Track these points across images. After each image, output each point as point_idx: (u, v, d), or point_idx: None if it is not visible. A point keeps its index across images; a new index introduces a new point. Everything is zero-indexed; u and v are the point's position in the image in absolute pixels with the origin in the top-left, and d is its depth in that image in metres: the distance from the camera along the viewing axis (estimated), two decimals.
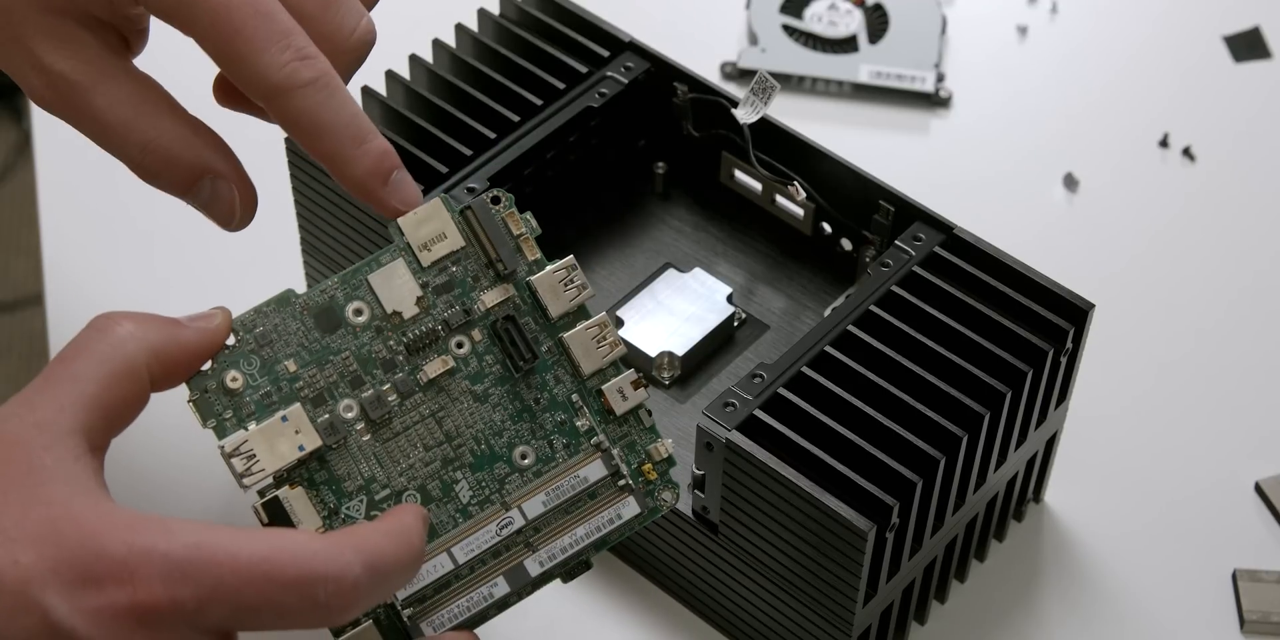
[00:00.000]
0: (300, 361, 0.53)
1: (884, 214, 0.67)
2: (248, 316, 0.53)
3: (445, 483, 0.53)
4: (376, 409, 0.53)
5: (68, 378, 0.50)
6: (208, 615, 0.47)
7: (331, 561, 0.47)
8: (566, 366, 0.54)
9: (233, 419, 0.52)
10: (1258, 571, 0.70)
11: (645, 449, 0.55)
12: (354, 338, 0.53)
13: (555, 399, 0.54)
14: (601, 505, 0.55)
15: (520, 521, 0.54)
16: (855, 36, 0.86)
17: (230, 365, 0.52)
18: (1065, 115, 0.85)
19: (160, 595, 0.46)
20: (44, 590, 0.46)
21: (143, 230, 0.80)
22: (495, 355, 0.54)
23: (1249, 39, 0.88)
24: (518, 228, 0.54)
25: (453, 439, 0.54)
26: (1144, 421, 0.75)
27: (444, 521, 0.53)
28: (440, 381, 0.53)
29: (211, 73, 0.60)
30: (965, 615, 0.69)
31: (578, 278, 0.54)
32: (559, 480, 0.54)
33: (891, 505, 0.58)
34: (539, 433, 0.54)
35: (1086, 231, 0.81)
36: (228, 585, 0.47)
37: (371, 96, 0.70)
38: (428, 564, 0.53)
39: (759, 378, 0.61)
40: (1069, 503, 0.72)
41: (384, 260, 0.53)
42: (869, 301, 0.62)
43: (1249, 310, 0.78)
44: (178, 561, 0.46)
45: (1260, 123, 0.85)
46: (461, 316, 0.54)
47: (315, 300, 0.53)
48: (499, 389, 0.54)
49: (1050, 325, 0.62)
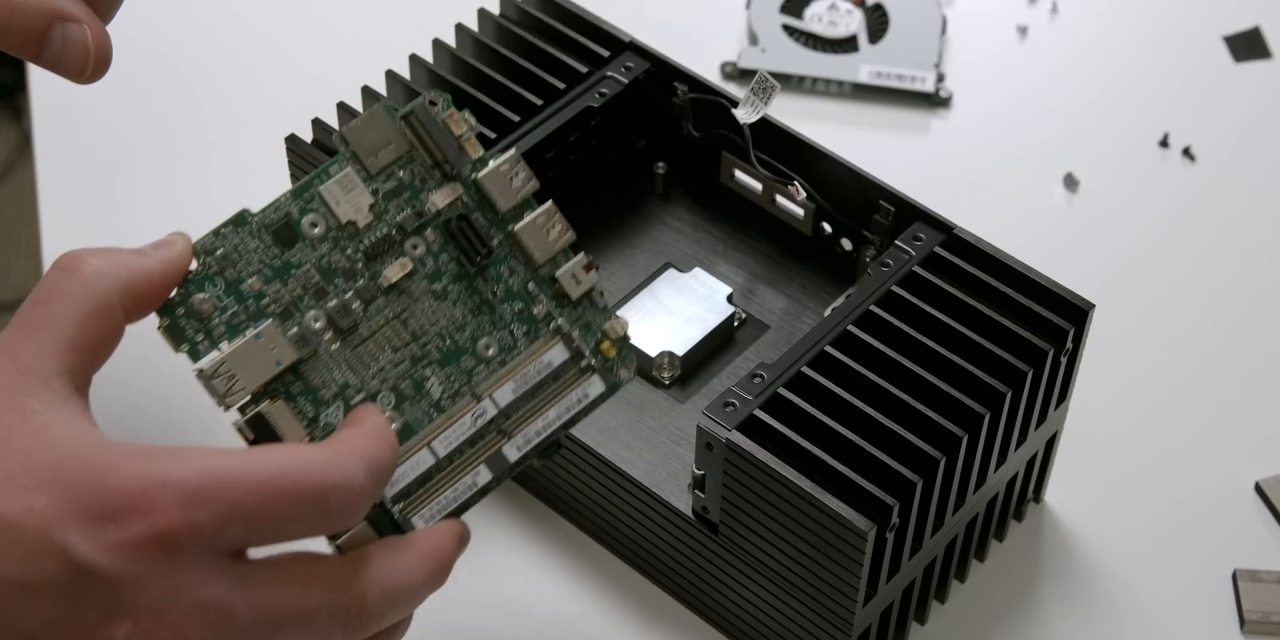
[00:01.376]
0: (263, 279, 0.53)
1: (884, 214, 0.67)
2: (207, 240, 0.53)
3: (416, 381, 0.55)
4: (343, 317, 0.54)
5: (44, 322, 0.50)
6: (226, 536, 0.47)
7: (337, 471, 0.49)
8: (519, 257, 0.56)
9: (205, 342, 0.53)
10: (1258, 571, 0.70)
11: (601, 328, 0.56)
12: (312, 250, 0.54)
13: (511, 289, 0.56)
14: (568, 387, 0.56)
15: (493, 410, 0.55)
16: (855, 36, 0.86)
17: (196, 289, 0.53)
18: (1065, 115, 0.85)
19: (180, 521, 0.47)
20: (63, 531, 0.46)
21: (142, 230, 0.80)
22: (450, 253, 0.55)
23: (1249, 39, 0.88)
24: (459, 128, 0.55)
25: (418, 338, 0.55)
26: (1144, 421, 0.75)
27: (419, 418, 0.55)
28: (400, 284, 0.55)
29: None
30: (965, 615, 0.69)
31: (521, 170, 0.55)
32: (525, 367, 0.56)
33: (891, 505, 0.58)
34: (499, 323, 0.55)
35: (1087, 231, 0.81)
36: (244, 505, 0.47)
37: (372, 96, 0.70)
38: (410, 460, 0.54)
39: (759, 378, 0.61)
40: (1069, 503, 0.72)
41: (332, 171, 0.54)
42: (869, 301, 0.62)
43: (1249, 310, 0.78)
44: (193, 487, 0.47)
45: (1260, 123, 0.85)
46: (414, 219, 0.55)
47: (270, 217, 0.54)
48: (456, 285, 0.55)
49: (1050, 325, 0.62)
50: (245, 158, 0.82)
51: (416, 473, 0.54)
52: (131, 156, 0.83)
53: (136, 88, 0.85)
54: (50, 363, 0.50)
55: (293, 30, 0.88)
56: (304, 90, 0.84)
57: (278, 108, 0.84)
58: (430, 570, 0.52)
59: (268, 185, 0.78)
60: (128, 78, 0.86)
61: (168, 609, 0.47)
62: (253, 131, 0.84)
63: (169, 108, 0.85)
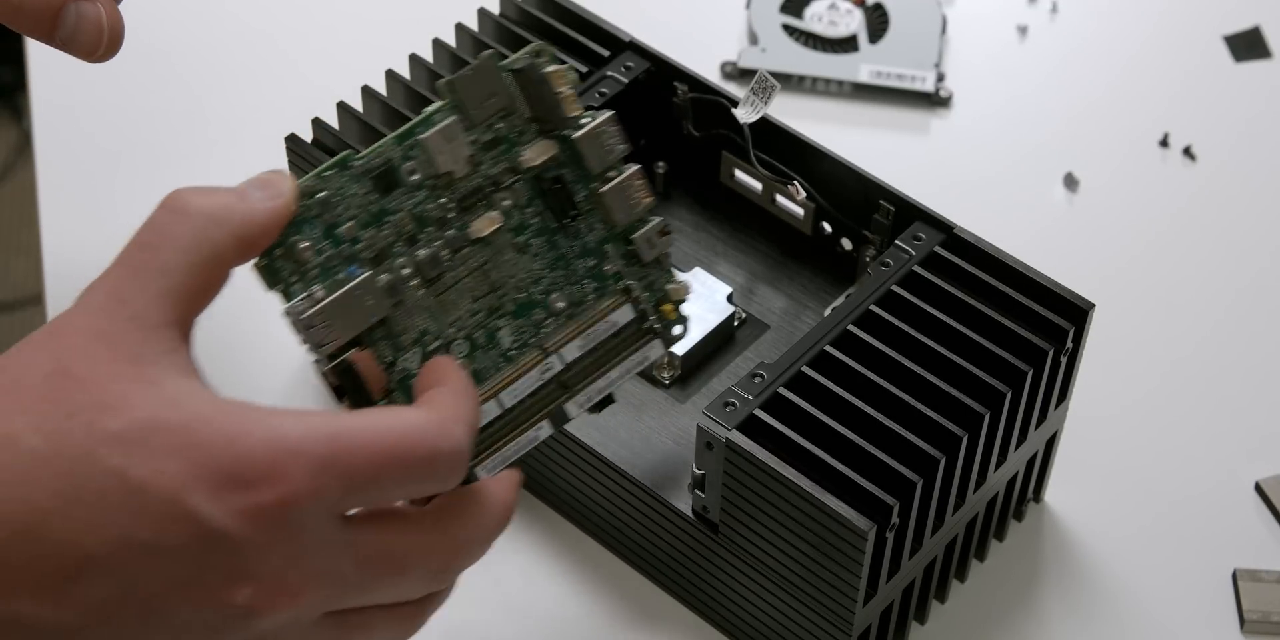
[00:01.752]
0: (360, 223, 0.54)
1: (884, 214, 0.67)
2: (310, 183, 0.53)
3: (489, 331, 0.56)
4: (432, 267, 0.55)
5: (155, 269, 0.50)
6: (346, 502, 0.48)
7: (448, 438, 0.50)
8: (599, 216, 0.57)
9: (299, 283, 0.53)
10: (1258, 571, 0.70)
11: (664, 289, 0.58)
12: (409, 198, 0.54)
13: (588, 247, 0.57)
14: (630, 347, 0.58)
15: (559, 366, 0.57)
16: (855, 36, 0.86)
17: (295, 232, 0.53)
18: (1065, 115, 0.85)
19: (307, 490, 0.47)
20: (193, 496, 0.46)
21: None
22: (536, 207, 0.56)
23: (1249, 39, 0.88)
24: (560, 84, 0.55)
25: (497, 289, 0.56)
26: (1144, 421, 0.75)
27: (488, 367, 0.56)
28: (487, 236, 0.55)
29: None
30: (965, 615, 0.69)
31: (616, 132, 0.56)
32: (592, 326, 0.57)
33: (891, 505, 0.58)
34: (572, 278, 0.57)
35: (1087, 231, 0.81)
36: (365, 472, 0.48)
37: (373, 96, 0.70)
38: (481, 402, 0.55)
39: (759, 377, 0.61)
40: (1069, 503, 0.72)
41: (436, 119, 0.54)
42: (869, 301, 0.62)
43: (1249, 310, 0.78)
44: (322, 456, 0.48)
45: (1261, 122, 0.85)
46: (508, 174, 0.55)
47: (373, 163, 0.54)
48: (539, 239, 0.56)
49: (1050, 325, 0.62)
50: (245, 157, 0.82)
51: (483, 422, 0.55)
52: (131, 156, 0.83)
53: (136, 87, 0.85)
54: (160, 312, 0.49)
55: (293, 30, 0.88)
56: (304, 90, 0.84)
57: (278, 107, 0.83)
58: (500, 519, 0.53)
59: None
60: (128, 77, 0.86)
61: (289, 573, 0.48)
62: (253, 131, 0.84)
63: (169, 107, 0.85)
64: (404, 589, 0.51)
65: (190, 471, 0.46)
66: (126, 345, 0.48)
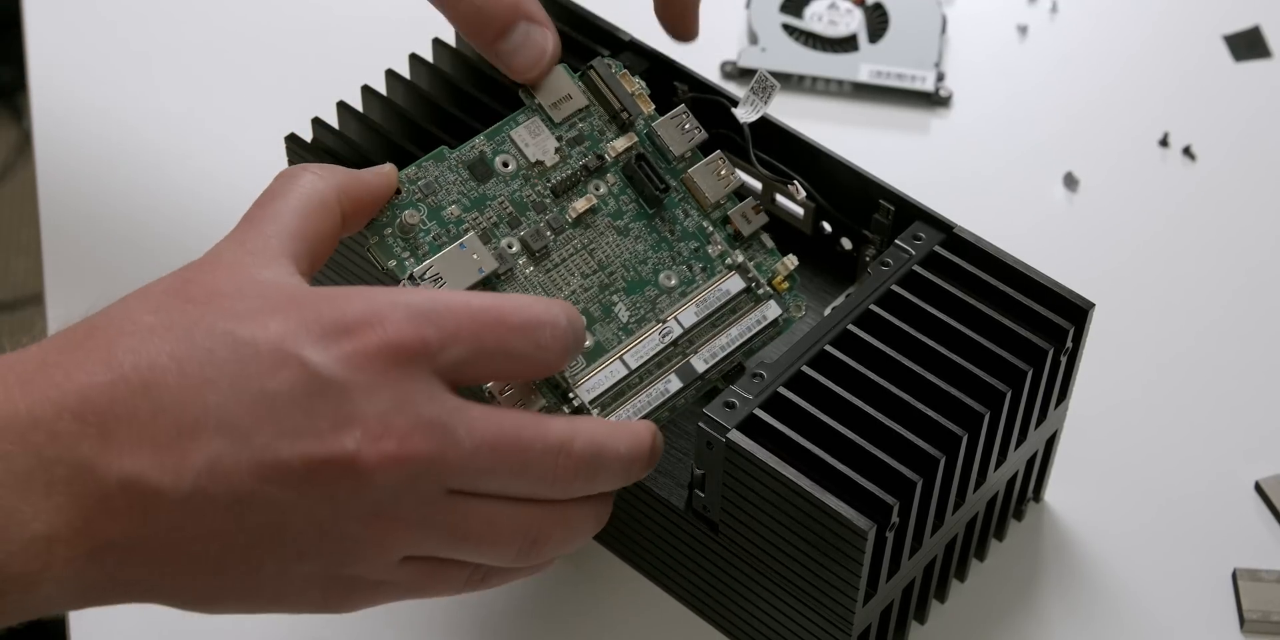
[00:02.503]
0: (462, 207, 0.60)
1: (884, 213, 0.67)
2: (410, 170, 0.59)
3: (604, 305, 0.61)
4: (537, 241, 0.60)
5: (269, 216, 0.54)
6: (448, 354, 0.51)
7: (546, 309, 0.53)
8: (692, 201, 0.62)
9: (410, 258, 0.58)
10: (1258, 571, 0.70)
11: (772, 267, 0.63)
12: (505, 185, 0.60)
13: (687, 230, 0.62)
14: (746, 310, 0.62)
15: (679, 330, 0.61)
16: (855, 36, 0.86)
17: (403, 209, 0.59)
18: (1065, 114, 0.85)
19: (409, 334, 0.50)
20: (298, 344, 0.50)
21: (143, 229, 0.80)
22: (630, 195, 0.62)
23: (1249, 38, 0.88)
24: (631, 86, 0.63)
25: (605, 267, 0.61)
26: (1144, 421, 0.75)
27: (609, 339, 0.60)
28: (585, 218, 0.61)
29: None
30: (965, 615, 0.69)
31: (691, 122, 0.63)
32: (704, 294, 0.62)
33: (891, 504, 0.58)
34: (677, 259, 0.62)
35: (1086, 231, 0.81)
36: (466, 328, 0.51)
37: (373, 96, 0.70)
38: (604, 371, 0.60)
39: (759, 377, 0.61)
40: (1069, 502, 0.72)
41: (520, 119, 0.61)
42: (869, 301, 0.62)
43: (1249, 309, 0.78)
44: (420, 307, 0.51)
45: (1260, 122, 0.85)
46: (596, 162, 0.61)
47: (466, 155, 0.60)
48: (637, 223, 0.62)
49: (1050, 324, 0.62)
50: (245, 157, 0.82)
51: (610, 382, 0.59)
52: (131, 156, 0.83)
53: (136, 87, 0.85)
54: (276, 246, 0.53)
55: (293, 30, 0.88)
56: (304, 90, 0.84)
57: (278, 107, 0.84)
58: (630, 442, 0.55)
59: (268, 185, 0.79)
60: (128, 77, 0.86)
61: (395, 419, 0.50)
62: (252, 131, 0.84)
63: (169, 107, 0.85)
64: (523, 477, 0.52)
65: (295, 324, 0.50)
66: (243, 264, 0.53)
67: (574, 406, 0.59)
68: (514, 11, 0.61)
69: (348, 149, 0.67)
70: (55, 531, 0.48)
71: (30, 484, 0.48)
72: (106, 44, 0.87)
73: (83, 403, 0.48)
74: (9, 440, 0.48)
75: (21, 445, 0.48)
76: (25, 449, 0.48)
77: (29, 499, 0.48)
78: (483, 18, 0.61)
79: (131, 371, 0.49)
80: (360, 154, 0.67)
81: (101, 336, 0.50)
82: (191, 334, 0.50)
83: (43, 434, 0.48)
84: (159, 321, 0.50)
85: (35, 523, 0.48)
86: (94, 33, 0.87)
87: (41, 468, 0.48)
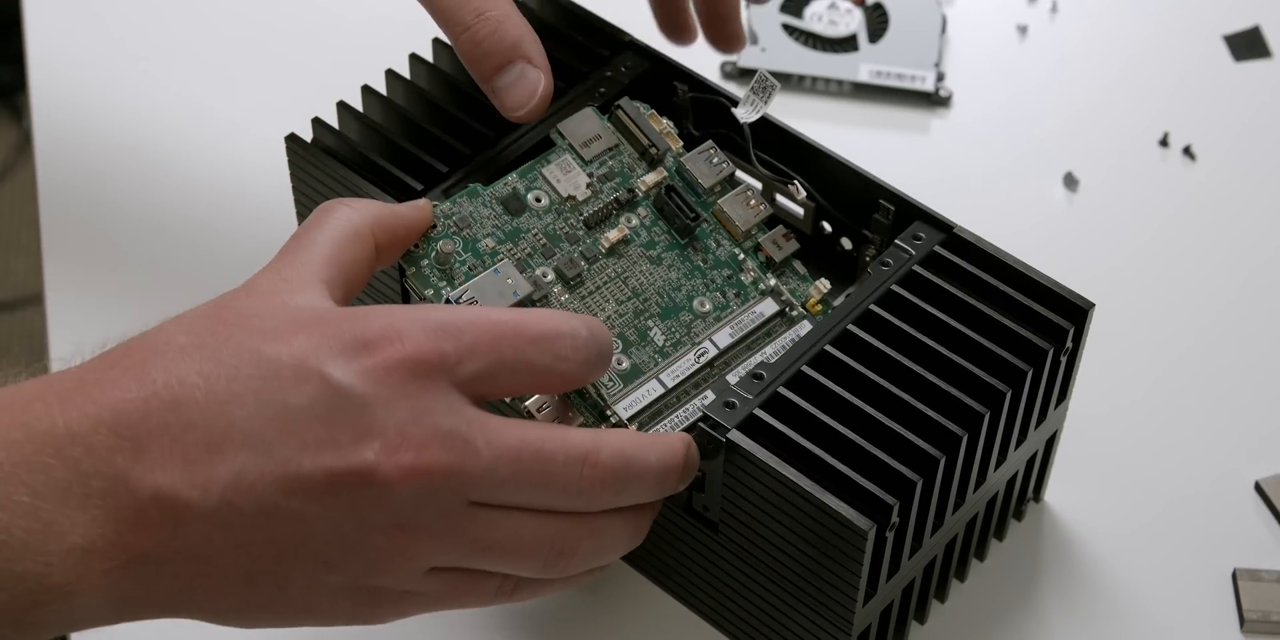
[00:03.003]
0: (496, 239, 0.62)
1: (884, 213, 0.67)
2: (445, 205, 0.61)
3: (640, 330, 0.62)
4: (571, 269, 0.62)
5: (304, 245, 0.56)
6: (468, 368, 0.52)
7: (566, 322, 0.54)
8: (724, 231, 0.64)
9: (448, 287, 0.60)
10: (1258, 571, 0.70)
11: (805, 292, 0.64)
12: (539, 219, 0.62)
13: (719, 258, 0.64)
14: (781, 331, 0.63)
15: (714, 351, 0.62)
16: (855, 36, 0.86)
17: (440, 239, 0.61)
18: (1065, 114, 0.85)
19: (428, 348, 0.52)
20: (320, 360, 0.51)
21: (142, 229, 0.80)
22: (662, 227, 0.64)
23: (1249, 38, 0.88)
24: (658, 124, 0.65)
25: (639, 294, 0.63)
26: (1144, 421, 0.75)
27: (645, 362, 0.62)
28: (619, 248, 0.63)
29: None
30: (965, 614, 0.69)
31: (718, 155, 0.65)
32: (739, 317, 0.63)
33: (891, 504, 0.58)
34: (711, 286, 0.63)
35: (1086, 231, 0.81)
36: (485, 341, 0.53)
37: (373, 95, 0.70)
38: (641, 389, 0.61)
39: (759, 377, 0.61)
40: (1069, 502, 0.72)
41: (552, 158, 0.63)
42: (869, 301, 0.62)
43: (1249, 309, 0.78)
44: (439, 321, 0.53)
45: (1260, 122, 0.85)
46: (627, 195, 0.63)
47: (500, 191, 0.62)
48: (670, 253, 0.64)
49: (1050, 324, 0.62)
50: (245, 157, 0.82)
51: (648, 400, 0.61)
52: (131, 156, 0.83)
53: (136, 86, 0.85)
54: (309, 272, 0.55)
55: (293, 30, 0.88)
56: (304, 89, 0.84)
57: (278, 107, 0.83)
58: (662, 453, 0.55)
59: (268, 184, 0.79)
60: (127, 77, 0.86)
61: (413, 430, 0.51)
62: (253, 130, 0.84)
63: (169, 107, 0.85)
64: (547, 490, 0.53)
65: (317, 341, 0.52)
66: (277, 290, 0.54)
67: (611, 424, 0.60)
68: (512, 51, 0.63)
69: (348, 149, 0.67)
70: (91, 543, 0.49)
71: (68, 497, 0.49)
72: (106, 44, 0.87)
73: (117, 417, 0.50)
74: (48, 454, 0.49)
75: (60, 458, 0.49)
76: (64, 462, 0.49)
77: (66, 511, 0.49)
78: (480, 52, 0.63)
79: (163, 388, 0.50)
80: (360, 153, 0.67)
81: (137, 355, 0.52)
82: (220, 352, 0.51)
83: (80, 447, 0.49)
84: (190, 342, 0.52)
85: (72, 534, 0.49)
86: (94, 33, 0.87)
87: (79, 481, 0.49)
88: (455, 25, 0.63)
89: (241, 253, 0.78)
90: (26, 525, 0.48)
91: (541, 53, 0.63)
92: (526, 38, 0.63)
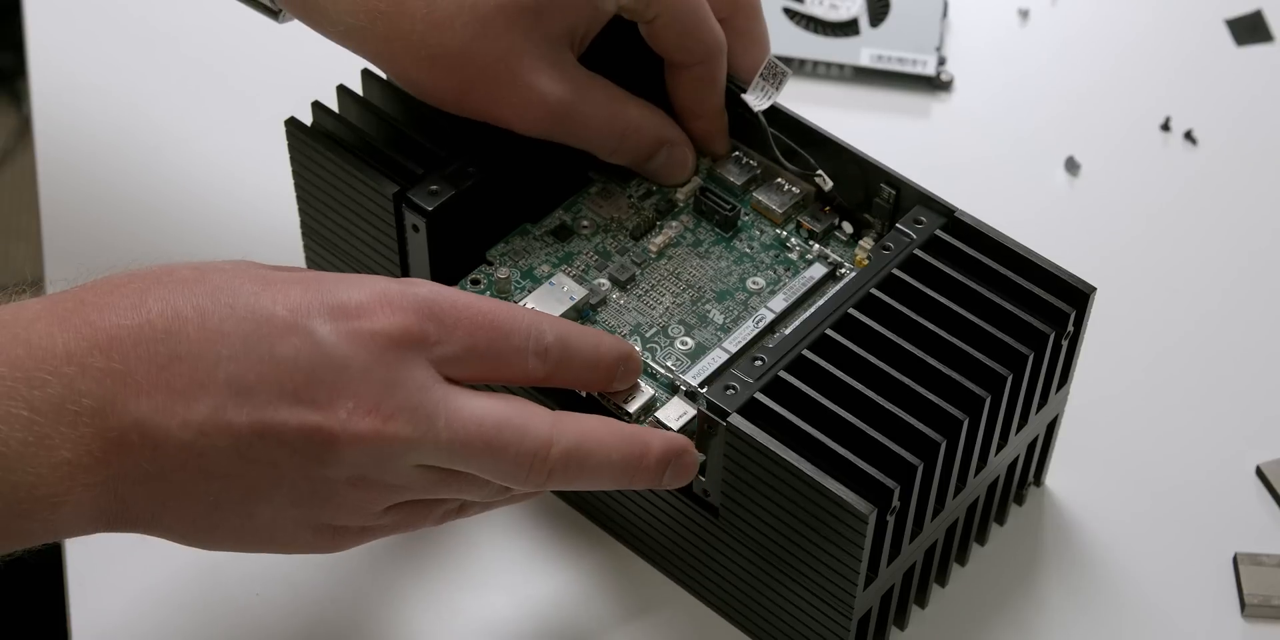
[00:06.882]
0: (551, 264, 0.66)
1: (885, 197, 0.66)
2: (498, 247, 0.66)
3: (700, 314, 0.65)
4: (623, 273, 0.66)
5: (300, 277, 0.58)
6: (443, 348, 0.55)
7: (535, 322, 0.57)
8: (764, 220, 0.68)
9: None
10: (1259, 555, 0.70)
11: (851, 254, 0.67)
12: (587, 241, 0.67)
13: (764, 243, 0.67)
14: (832, 289, 0.63)
15: (770, 316, 0.65)
16: (856, 20, 0.86)
17: (496, 269, 0.65)
18: (1067, 99, 0.85)
19: (412, 324, 0.55)
20: (308, 318, 0.54)
21: (142, 215, 0.80)
22: (705, 226, 0.68)
23: (1251, 22, 0.88)
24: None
25: (694, 285, 0.66)
26: (1145, 405, 0.75)
27: (708, 339, 0.65)
28: (667, 251, 0.67)
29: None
30: (966, 599, 0.69)
31: (745, 156, 0.69)
32: (792, 284, 0.66)
33: (892, 488, 0.57)
34: (760, 267, 0.67)
35: (1088, 215, 0.81)
36: (463, 327, 0.56)
37: (372, 80, 0.69)
38: (707, 358, 0.63)
39: (760, 361, 0.60)
40: (1070, 486, 0.72)
41: (591, 190, 0.68)
42: (870, 284, 0.62)
43: (1250, 294, 0.78)
44: (425, 299, 0.55)
45: (1262, 106, 0.85)
46: (667, 205, 0.68)
47: (547, 225, 0.67)
48: (717, 248, 0.67)
49: (1051, 308, 0.62)
50: (245, 141, 0.82)
51: (714, 367, 0.63)
52: (131, 141, 0.83)
53: (135, 72, 0.85)
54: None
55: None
56: (304, 73, 0.84)
57: (277, 91, 0.83)
58: (627, 452, 0.58)
59: (268, 169, 0.78)
60: (127, 62, 0.85)
61: (384, 399, 0.54)
62: (252, 115, 0.84)
63: (168, 91, 0.85)
64: (496, 469, 0.56)
65: (310, 298, 0.54)
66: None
67: (684, 394, 0.63)
68: (657, 143, 0.67)
69: (348, 132, 0.67)
70: (79, 458, 0.52)
71: (61, 412, 0.52)
72: (106, 29, 0.87)
73: (111, 342, 0.52)
74: (46, 370, 0.52)
75: (56, 375, 0.52)
76: (59, 379, 0.52)
77: (58, 427, 0.52)
78: (626, 148, 0.66)
79: (158, 318, 0.53)
80: (360, 137, 0.67)
81: (139, 283, 0.54)
82: (219, 292, 0.54)
83: (75, 366, 0.52)
84: (193, 276, 0.54)
85: (63, 449, 0.52)
86: (93, 18, 0.87)
87: (71, 398, 0.52)
88: (602, 151, 0.67)
89: (241, 237, 0.78)
90: (22, 438, 0.51)
91: (679, 130, 0.67)
92: (663, 125, 0.67)
